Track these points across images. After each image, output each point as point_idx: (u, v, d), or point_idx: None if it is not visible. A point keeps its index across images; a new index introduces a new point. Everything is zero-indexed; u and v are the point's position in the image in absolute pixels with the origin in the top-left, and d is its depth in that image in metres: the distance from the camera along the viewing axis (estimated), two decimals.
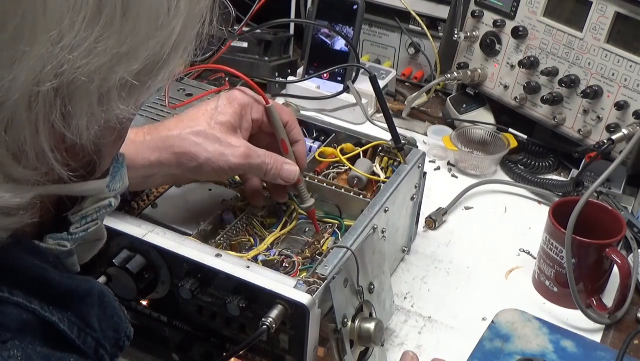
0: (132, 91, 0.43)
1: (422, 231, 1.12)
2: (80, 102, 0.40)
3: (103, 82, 0.40)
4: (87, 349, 0.49)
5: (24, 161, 0.40)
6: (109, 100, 0.41)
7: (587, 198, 0.96)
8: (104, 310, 0.51)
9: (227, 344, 0.82)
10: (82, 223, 0.50)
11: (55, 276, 0.47)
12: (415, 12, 1.40)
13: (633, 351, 0.92)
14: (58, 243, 0.48)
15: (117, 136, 0.48)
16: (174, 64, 0.45)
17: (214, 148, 0.81)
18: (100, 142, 0.45)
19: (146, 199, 0.92)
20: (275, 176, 0.85)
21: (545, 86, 1.23)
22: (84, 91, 0.39)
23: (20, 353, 0.43)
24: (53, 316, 0.46)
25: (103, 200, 0.51)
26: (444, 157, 1.29)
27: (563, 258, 0.95)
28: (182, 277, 0.78)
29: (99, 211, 0.51)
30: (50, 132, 0.40)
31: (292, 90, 1.38)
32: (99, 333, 0.50)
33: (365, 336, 0.79)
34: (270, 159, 0.84)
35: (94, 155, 0.46)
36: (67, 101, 0.39)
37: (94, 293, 0.50)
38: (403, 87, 1.49)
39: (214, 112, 0.83)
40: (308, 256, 0.85)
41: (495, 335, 0.93)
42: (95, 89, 0.40)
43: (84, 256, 0.53)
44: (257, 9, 1.28)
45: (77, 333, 0.48)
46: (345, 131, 1.02)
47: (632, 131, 1.09)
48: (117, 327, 0.52)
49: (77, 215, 0.50)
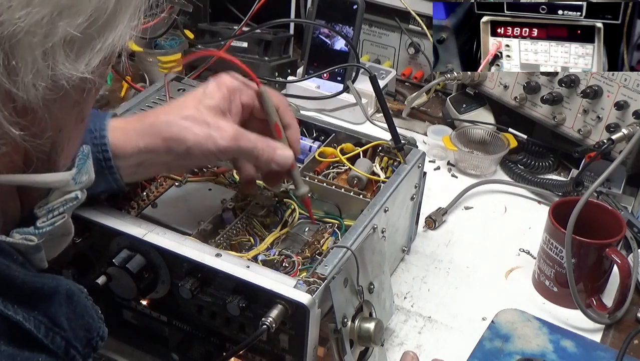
0: (80, 51, 0.42)
1: (422, 231, 1.12)
2: (23, 56, 0.39)
3: (46, 36, 0.40)
4: (56, 349, 0.48)
5: None
6: (54, 56, 0.41)
7: (587, 198, 0.96)
8: (74, 309, 0.50)
9: (227, 344, 0.82)
10: (49, 217, 0.49)
11: (18, 275, 0.46)
12: (415, 12, 1.40)
13: (633, 351, 0.92)
14: (25, 238, 0.48)
15: (78, 116, 0.48)
16: (124, 26, 0.44)
17: (203, 131, 0.79)
18: (54, 109, 0.44)
19: (146, 199, 0.92)
20: (268, 161, 0.83)
21: (545, 86, 1.23)
22: (26, 45, 0.39)
23: None
24: (17, 315, 0.45)
25: (69, 193, 0.51)
26: (444, 157, 1.29)
27: (563, 258, 0.95)
28: (182, 277, 0.78)
29: (65, 205, 0.50)
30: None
31: (292, 90, 1.38)
32: (69, 333, 0.49)
33: (365, 336, 0.79)
34: (262, 143, 0.82)
35: (53, 132, 0.45)
36: (10, 55, 0.39)
37: (61, 291, 0.49)
38: (403, 87, 1.49)
39: (202, 97, 0.82)
40: (308, 256, 0.85)
41: (495, 335, 0.93)
42: (39, 44, 0.40)
43: (52, 252, 0.53)
44: (257, 9, 1.28)
45: (44, 333, 0.47)
46: (345, 131, 1.02)
47: (632, 131, 1.09)
48: (88, 327, 0.51)
49: (43, 209, 0.49)
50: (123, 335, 0.89)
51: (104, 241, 0.82)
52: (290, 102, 1.35)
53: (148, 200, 0.92)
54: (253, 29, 1.33)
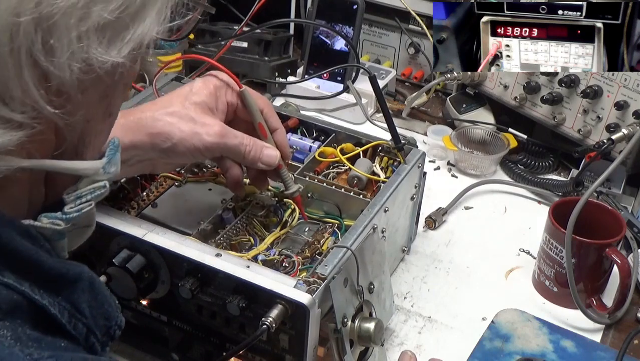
0: (111, 39, 0.44)
1: (422, 231, 1.12)
2: (60, 37, 0.41)
3: (81, 19, 0.42)
4: (77, 335, 0.48)
5: (11, 103, 0.42)
6: (88, 40, 0.43)
7: (587, 198, 0.96)
8: (95, 297, 0.51)
9: (227, 344, 0.82)
10: (76, 203, 0.50)
11: (46, 260, 0.47)
12: (415, 12, 1.40)
13: (633, 351, 0.92)
14: (52, 222, 0.49)
15: (107, 110, 0.49)
16: (152, 20, 0.46)
17: (188, 127, 0.79)
18: (86, 95, 0.45)
19: (146, 199, 0.92)
20: (255, 160, 0.83)
21: (545, 86, 1.23)
22: (63, 26, 0.41)
23: (11, 333, 0.43)
24: (44, 300, 0.46)
25: (98, 182, 0.51)
26: (444, 157, 1.29)
27: (563, 258, 0.95)
28: (182, 277, 0.78)
29: (93, 192, 0.51)
30: (34, 67, 0.41)
31: (292, 90, 1.38)
32: (90, 320, 0.49)
33: (365, 336, 0.79)
34: (248, 140, 0.82)
35: (82, 120, 0.47)
36: (47, 35, 0.41)
37: (84, 278, 0.50)
38: (403, 87, 1.49)
39: (188, 94, 0.82)
40: (308, 256, 0.85)
41: (495, 335, 0.93)
42: (74, 26, 0.42)
43: (73, 243, 0.53)
44: (257, 9, 1.28)
45: (67, 319, 0.48)
46: (345, 131, 1.02)
47: (632, 131, 1.09)
48: (108, 315, 0.52)
49: (72, 195, 0.50)
50: (123, 334, 0.86)
51: (104, 241, 0.82)
52: (290, 102, 1.36)
53: (148, 200, 0.92)
54: (253, 29, 1.33)
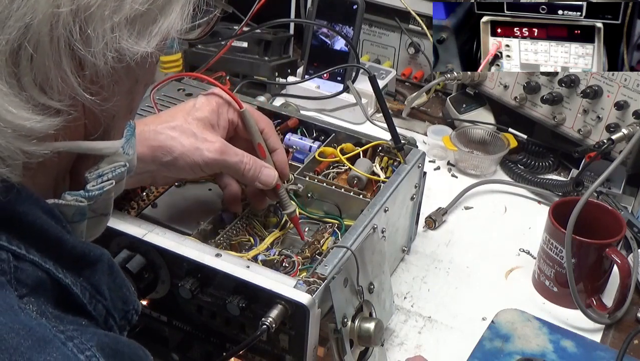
0: (140, 31, 0.46)
1: (422, 231, 1.12)
2: (95, 28, 0.44)
3: (114, 11, 0.44)
4: (97, 316, 0.49)
5: (49, 91, 0.44)
6: (120, 31, 0.45)
7: (587, 198, 0.96)
8: (114, 280, 0.52)
9: (227, 344, 0.82)
10: (98, 182, 0.51)
11: (69, 239, 0.48)
12: (415, 12, 1.40)
13: (633, 351, 0.92)
14: (76, 199, 0.50)
15: (128, 106, 0.52)
16: (176, 15, 0.48)
17: (190, 142, 0.81)
18: (118, 85, 0.48)
19: (146, 199, 0.92)
20: (253, 178, 0.84)
21: (545, 86, 1.23)
22: (98, 17, 0.43)
23: (36, 308, 0.44)
24: (66, 278, 0.47)
25: (118, 162, 0.53)
26: (444, 157, 1.29)
27: (563, 258, 0.95)
28: (182, 277, 0.79)
29: (114, 171, 0.53)
30: (71, 57, 0.44)
31: (292, 90, 1.38)
32: (109, 302, 0.50)
33: (365, 336, 0.79)
34: (248, 159, 0.84)
35: (108, 115, 0.49)
36: (84, 26, 0.43)
37: (104, 260, 0.51)
38: (403, 87, 1.49)
39: (191, 109, 0.84)
40: (308, 256, 0.85)
41: (495, 335, 0.93)
42: (108, 18, 0.44)
43: (91, 232, 0.54)
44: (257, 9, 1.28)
45: (88, 299, 0.49)
46: (345, 131, 1.02)
47: (632, 131, 1.09)
48: (126, 299, 0.53)
49: (94, 173, 0.51)
50: None
51: (103, 241, 0.81)
52: (290, 102, 1.36)
53: (148, 200, 0.92)
54: (253, 29, 1.33)
